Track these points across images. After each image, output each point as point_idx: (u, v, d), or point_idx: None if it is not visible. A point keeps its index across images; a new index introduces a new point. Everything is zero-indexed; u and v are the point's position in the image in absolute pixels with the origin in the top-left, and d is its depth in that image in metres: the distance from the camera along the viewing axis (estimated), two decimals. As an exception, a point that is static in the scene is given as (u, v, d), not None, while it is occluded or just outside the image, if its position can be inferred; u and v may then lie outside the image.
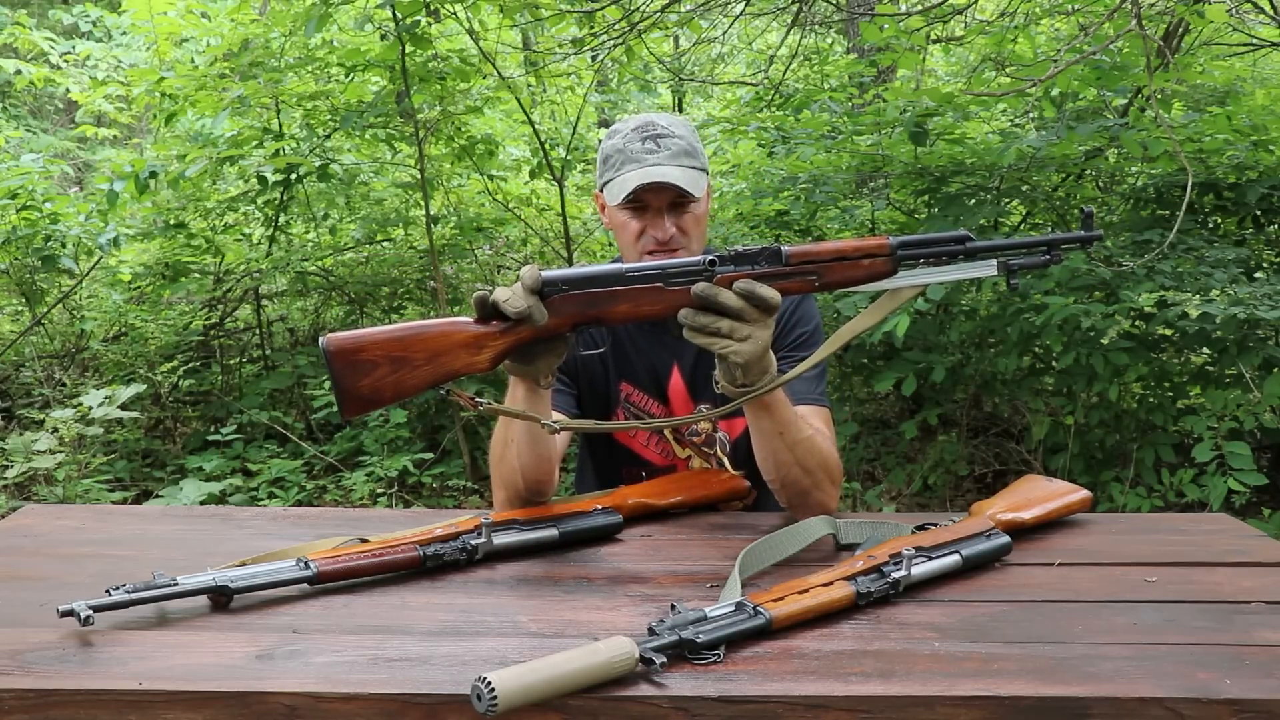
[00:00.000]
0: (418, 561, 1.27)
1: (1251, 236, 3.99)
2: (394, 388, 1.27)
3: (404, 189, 5.21)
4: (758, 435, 1.48)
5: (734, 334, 1.31)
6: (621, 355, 1.74)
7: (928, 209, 4.17)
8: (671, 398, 1.73)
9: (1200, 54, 4.95)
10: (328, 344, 1.27)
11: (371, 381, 1.26)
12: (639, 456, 1.76)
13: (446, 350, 1.28)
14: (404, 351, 1.27)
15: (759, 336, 1.31)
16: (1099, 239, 1.32)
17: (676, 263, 1.34)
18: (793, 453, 1.47)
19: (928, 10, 4.28)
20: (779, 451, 1.47)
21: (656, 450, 1.75)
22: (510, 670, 0.91)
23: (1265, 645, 1.07)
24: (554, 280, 1.31)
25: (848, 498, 3.99)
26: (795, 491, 1.51)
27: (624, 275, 1.32)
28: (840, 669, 1.01)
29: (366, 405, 1.27)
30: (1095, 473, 3.68)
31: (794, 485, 1.50)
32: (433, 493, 4.25)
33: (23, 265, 4.61)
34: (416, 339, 1.28)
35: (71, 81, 5.69)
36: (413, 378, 1.27)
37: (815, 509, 1.51)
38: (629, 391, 1.75)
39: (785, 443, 1.46)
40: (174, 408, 4.83)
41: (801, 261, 1.34)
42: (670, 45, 6.74)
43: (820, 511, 1.51)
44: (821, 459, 1.50)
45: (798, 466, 1.48)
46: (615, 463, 1.77)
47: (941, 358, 3.73)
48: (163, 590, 1.11)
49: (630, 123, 1.67)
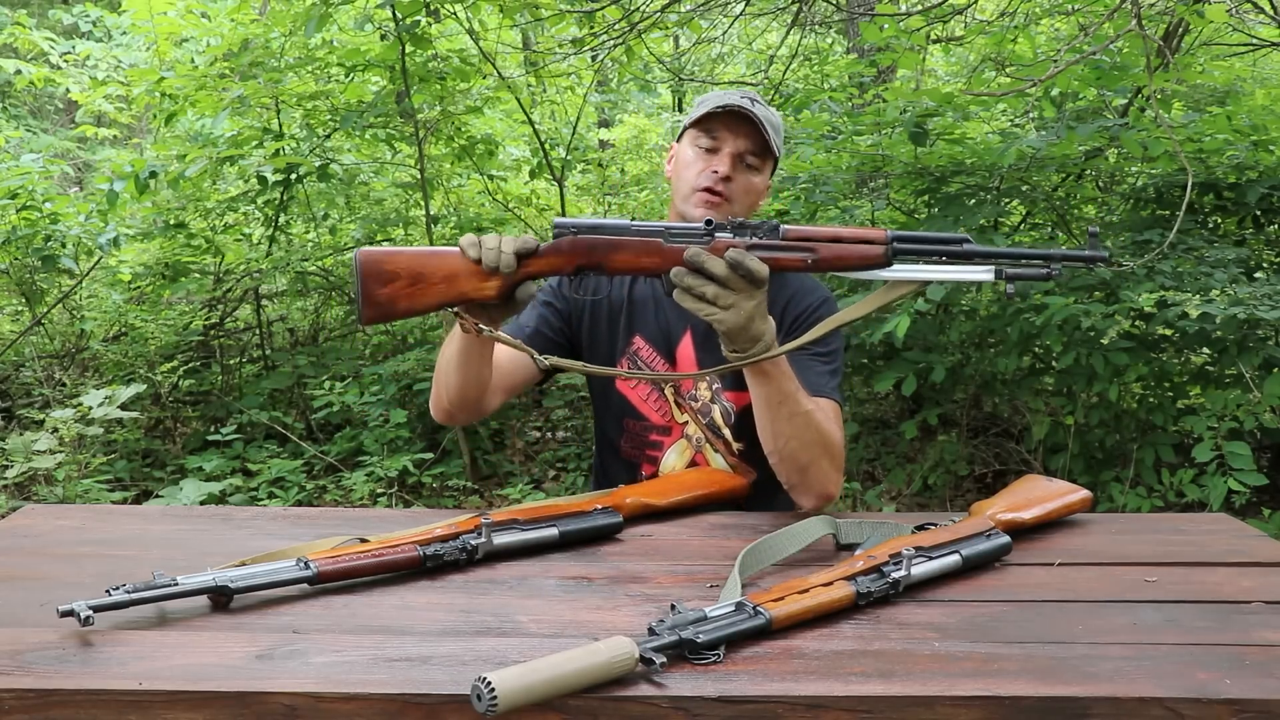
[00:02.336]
0: (418, 561, 1.27)
1: (1251, 236, 3.99)
2: (408, 299, 1.39)
3: (404, 189, 5.21)
4: (757, 404, 1.53)
5: (718, 300, 1.36)
6: (643, 309, 1.78)
7: (928, 209, 4.17)
8: (679, 360, 1.76)
9: (1200, 54, 4.95)
10: (359, 253, 1.40)
11: (390, 291, 1.39)
12: (636, 410, 1.79)
13: (460, 274, 1.40)
14: (422, 269, 1.39)
15: (742, 307, 1.36)
16: (1104, 260, 1.34)
17: (679, 225, 1.40)
18: (790, 424, 1.51)
19: (928, 10, 4.28)
20: (777, 421, 1.51)
21: (654, 408, 1.78)
22: (510, 670, 0.91)
23: (1265, 645, 1.07)
24: (565, 225, 1.41)
25: (848, 498, 3.99)
26: (793, 467, 1.54)
27: (628, 228, 1.41)
28: (840, 669, 1.01)
29: (383, 312, 1.40)
30: (1095, 473, 3.68)
31: (791, 459, 1.53)
32: (433, 493, 4.25)
33: (23, 265, 4.61)
34: (434, 259, 1.41)
35: (71, 81, 5.69)
36: (426, 294, 1.40)
37: (814, 488, 1.55)
38: (640, 345, 1.78)
39: (784, 413, 1.50)
40: (174, 408, 4.83)
41: (798, 239, 1.39)
42: (670, 45, 6.74)
43: (820, 491, 1.55)
44: (820, 435, 1.53)
45: (795, 440, 1.51)
46: (614, 414, 1.81)
47: (941, 358, 3.73)
48: (163, 590, 1.11)
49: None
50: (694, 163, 1.68)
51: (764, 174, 1.71)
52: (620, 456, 1.82)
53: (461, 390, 1.62)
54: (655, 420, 1.78)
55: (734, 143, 1.66)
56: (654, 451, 1.79)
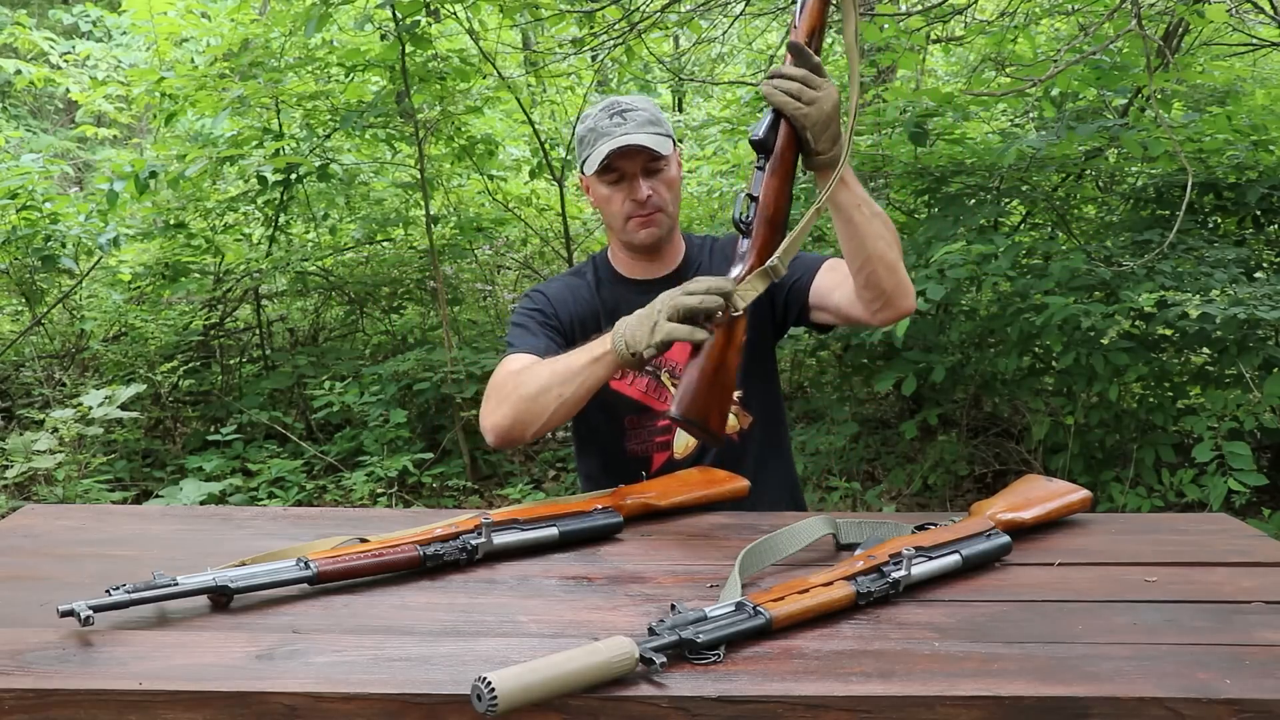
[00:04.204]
0: (418, 561, 1.27)
1: (1251, 236, 3.99)
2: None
3: (404, 189, 5.21)
4: (845, 214, 1.56)
5: (804, 93, 1.46)
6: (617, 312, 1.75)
7: (928, 209, 4.17)
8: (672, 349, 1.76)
9: (1200, 54, 4.95)
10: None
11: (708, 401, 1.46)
12: (639, 404, 1.80)
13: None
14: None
15: (830, 96, 1.47)
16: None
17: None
18: (876, 222, 1.57)
19: (928, 10, 4.28)
20: (870, 223, 1.56)
21: (656, 398, 1.80)
22: (510, 670, 0.91)
23: (1265, 645, 1.07)
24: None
25: (848, 498, 3.99)
26: (886, 269, 1.60)
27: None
28: (840, 669, 1.01)
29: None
30: (1095, 473, 3.68)
31: (882, 260, 1.59)
32: (433, 493, 4.25)
33: (23, 265, 4.62)
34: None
35: (71, 81, 5.69)
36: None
37: (906, 288, 1.63)
38: None
39: (868, 213, 1.56)
40: (174, 408, 4.83)
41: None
42: (670, 45, 6.74)
43: (909, 292, 1.64)
44: (894, 231, 1.62)
45: (883, 238, 1.58)
46: (613, 417, 1.81)
47: (941, 358, 3.73)
48: (163, 590, 1.11)
49: (597, 105, 1.81)
50: (612, 198, 1.78)
51: (670, 160, 1.77)
52: (626, 457, 1.81)
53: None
54: (659, 408, 1.80)
55: (633, 165, 1.74)
56: (663, 437, 1.81)
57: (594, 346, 1.57)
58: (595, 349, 1.56)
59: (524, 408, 1.61)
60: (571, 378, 1.58)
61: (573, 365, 1.58)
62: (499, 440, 1.66)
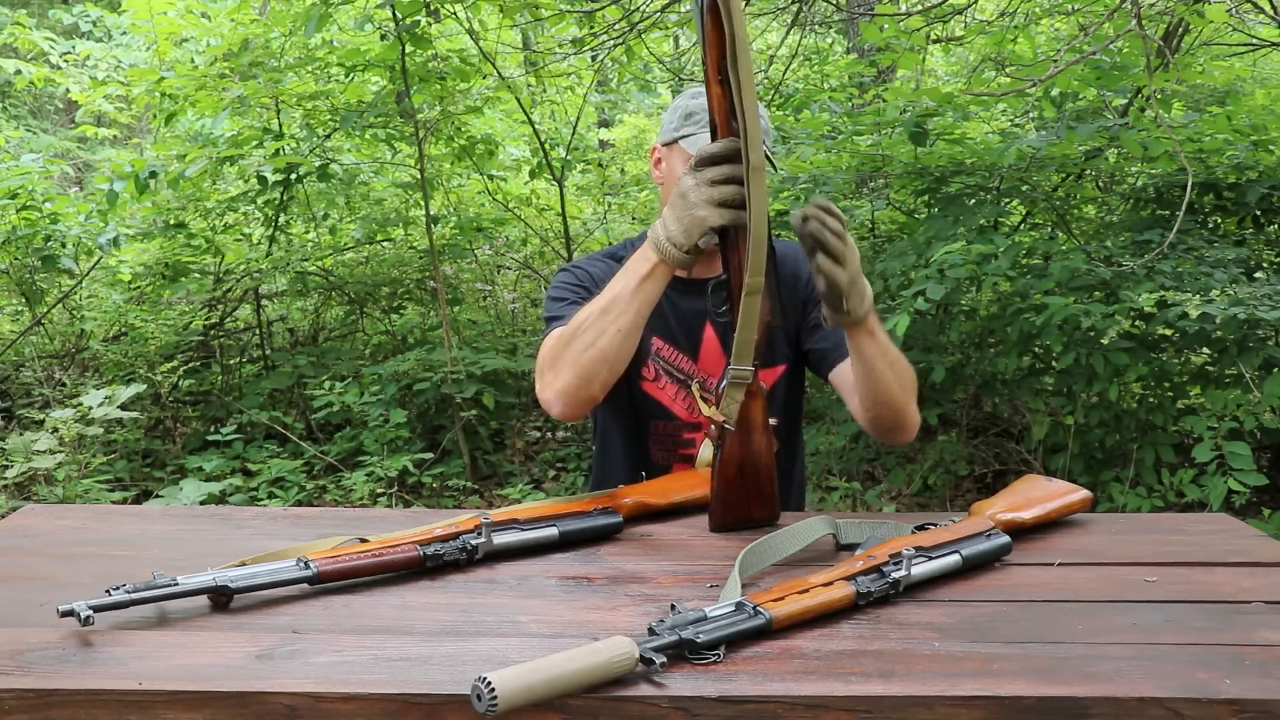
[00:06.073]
0: (418, 561, 1.26)
1: (1251, 236, 3.99)
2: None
3: (404, 189, 5.21)
4: (867, 361, 1.55)
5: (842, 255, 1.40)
6: (656, 311, 1.71)
7: (928, 209, 4.17)
8: (704, 354, 1.77)
9: (1200, 54, 4.95)
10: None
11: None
12: (668, 410, 1.78)
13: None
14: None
15: (856, 259, 1.43)
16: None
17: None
18: (894, 370, 1.57)
19: (928, 10, 4.28)
20: (888, 372, 1.56)
21: (684, 406, 1.78)
22: (510, 670, 0.91)
23: (1265, 645, 1.07)
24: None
25: (848, 498, 3.99)
26: (894, 410, 1.60)
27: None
28: (840, 669, 1.01)
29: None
30: (1095, 473, 3.68)
31: (890, 404, 1.59)
32: (433, 493, 4.25)
33: (23, 265, 4.62)
34: None
35: (71, 81, 5.69)
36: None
37: (909, 422, 1.63)
38: (660, 345, 1.78)
39: (886, 363, 1.56)
40: (174, 408, 4.83)
41: None
42: (670, 45, 6.74)
43: (914, 424, 1.64)
44: (911, 374, 1.63)
45: (897, 383, 1.58)
46: (638, 420, 1.79)
47: (941, 358, 3.73)
48: (163, 590, 1.11)
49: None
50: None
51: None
52: (650, 461, 1.79)
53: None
54: (685, 418, 1.78)
55: None
56: (687, 450, 1.78)
57: (637, 265, 1.48)
58: (641, 266, 1.48)
59: (587, 358, 1.51)
60: (627, 305, 1.49)
61: (622, 293, 1.49)
62: (566, 406, 1.56)
